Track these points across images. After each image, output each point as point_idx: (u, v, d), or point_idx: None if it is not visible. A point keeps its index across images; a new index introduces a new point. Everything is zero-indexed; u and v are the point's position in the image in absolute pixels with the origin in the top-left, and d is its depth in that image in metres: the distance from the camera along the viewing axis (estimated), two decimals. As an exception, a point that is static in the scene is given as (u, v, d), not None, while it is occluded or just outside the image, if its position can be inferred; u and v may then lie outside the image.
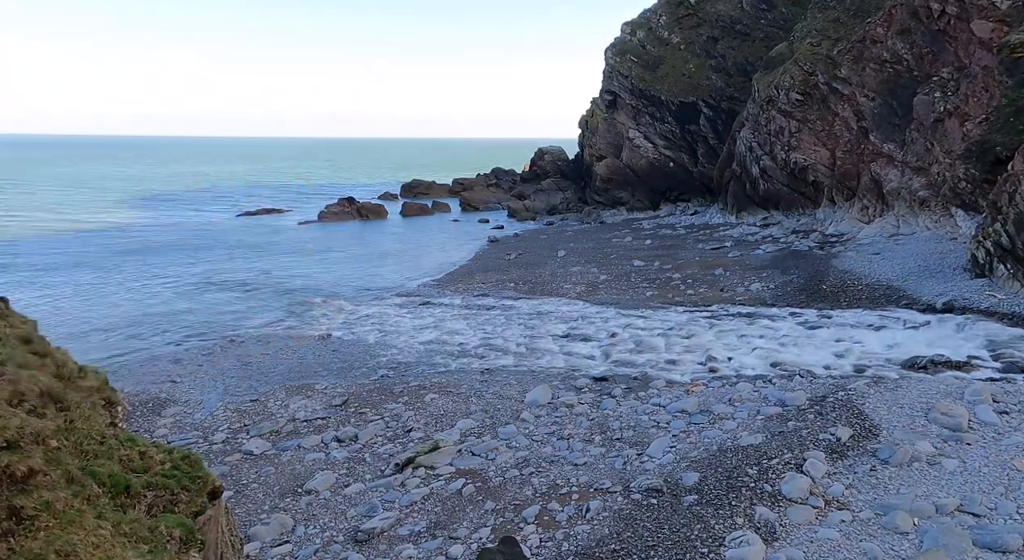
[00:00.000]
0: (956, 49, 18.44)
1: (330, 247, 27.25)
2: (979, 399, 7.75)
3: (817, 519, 5.72)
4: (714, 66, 31.66)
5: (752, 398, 8.95)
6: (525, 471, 7.40)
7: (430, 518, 6.63)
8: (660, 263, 19.89)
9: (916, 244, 17.48)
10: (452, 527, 6.38)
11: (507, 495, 6.91)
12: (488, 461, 7.76)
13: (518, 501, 6.75)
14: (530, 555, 5.49)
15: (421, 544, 6.14)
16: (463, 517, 6.57)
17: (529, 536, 5.99)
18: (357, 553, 6.08)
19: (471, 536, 6.16)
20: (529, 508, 6.52)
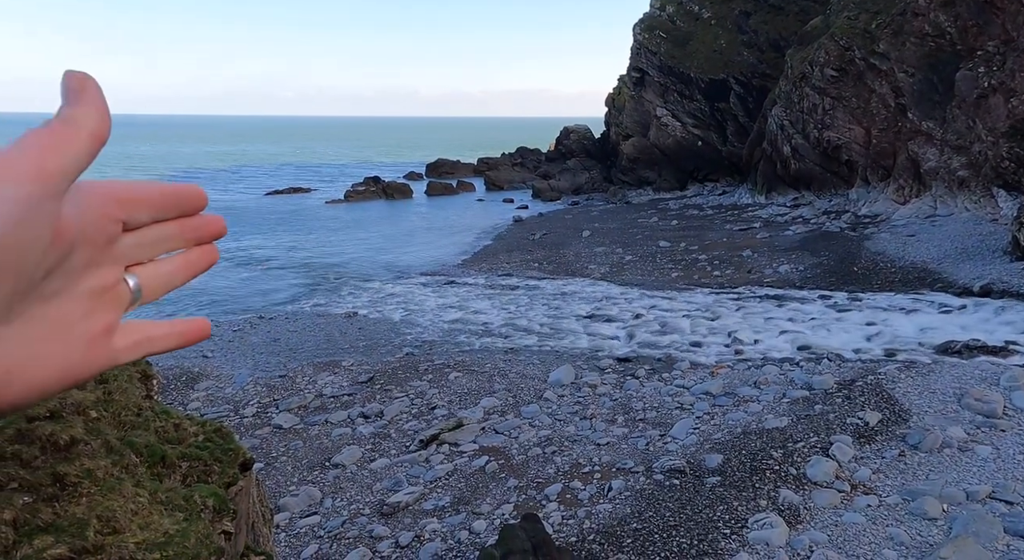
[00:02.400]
0: (1004, 21, 17.61)
1: (356, 226, 27.50)
2: (1016, 385, 7.55)
3: (842, 503, 5.67)
4: (746, 42, 30.78)
5: (778, 381, 8.85)
6: (548, 450, 7.46)
7: (454, 494, 6.74)
8: (686, 244, 19.65)
9: (954, 225, 16.95)
10: (475, 503, 6.48)
11: (529, 473, 6.98)
12: (511, 439, 7.84)
13: (540, 479, 6.82)
14: (552, 532, 5.55)
15: (445, 518, 6.25)
16: (486, 493, 6.67)
17: (551, 514, 6.06)
18: (383, 525, 6.23)
19: (494, 512, 6.26)
20: (551, 486, 6.59)
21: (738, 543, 5.19)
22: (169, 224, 0.47)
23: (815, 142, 23.95)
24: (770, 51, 29.66)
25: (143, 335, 0.48)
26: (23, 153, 0.38)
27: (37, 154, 0.38)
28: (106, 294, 0.44)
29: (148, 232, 0.46)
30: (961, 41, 18.88)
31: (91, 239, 0.42)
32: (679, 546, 5.25)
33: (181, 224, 0.48)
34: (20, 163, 0.37)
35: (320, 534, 6.22)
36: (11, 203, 0.36)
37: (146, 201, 0.45)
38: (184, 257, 0.49)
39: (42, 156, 0.38)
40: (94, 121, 0.40)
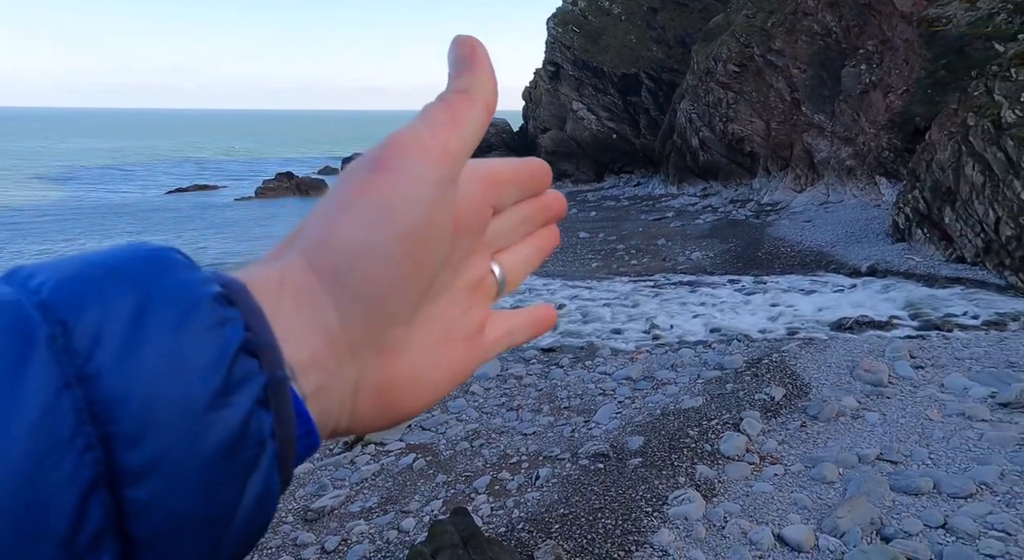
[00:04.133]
0: (880, 22, 19.20)
1: (269, 223, 26.38)
2: (898, 355, 8.30)
3: (753, 474, 6.04)
4: (655, 37, 31.91)
5: (693, 363, 9.29)
6: (475, 443, 7.49)
7: (381, 494, 6.63)
8: (605, 234, 20.19)
9: (844, 211, 18.36)
10: (403, 501, 6.42)
11: (458, 467, 6.98)
12: (438, 435, 7.81)
13: (469, 472, 6.84)
14: (482, 524, 5.58)
15: (373, 519, 6.15)
16: (414, 491, 6.61)
17: (480, 506, 6.09)
18: (307, 532, 6.05)
19: (423, 509, 6.22)
20: (480, 479, 6.62)
21: (659, 520, 5.42)
22: (527, 205, 0.43)
23: (721, 135, 25.22)
24: (677, 47, 30.90)
25: (507, 327, 0.44)
26: (429, 131, 0.34)
27: (440, 132, 0.34)
28: (479, 287, 0.41)
29: (512, 215, 0.42)
30: (845, 40, 20.42)
31: (472, 227, 0.38)
32: (604, 527, 5.42)
33: (538, 204, 0.44)
34: (426, 143, 0.34)
35: (240, 547, 5.95)
36: (427, 188, 0.33)
37: (514, 181, 0.41)
38: (535, 240, 0.45)
39: (445, 134, 0.34)
40: (488, 91, 0.37)
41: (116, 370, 0.24)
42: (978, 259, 12.77)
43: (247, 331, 0.28)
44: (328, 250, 0.32)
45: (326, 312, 0.32)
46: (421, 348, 0.37)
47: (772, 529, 5.09)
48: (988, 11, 16.05)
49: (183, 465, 0.25)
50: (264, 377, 0.28)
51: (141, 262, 0.27)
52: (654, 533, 5.23)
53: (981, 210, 12.74)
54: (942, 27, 16.54)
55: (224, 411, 0.26)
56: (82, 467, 0.23)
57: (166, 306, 0.26)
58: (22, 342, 0.23)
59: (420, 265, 0.34)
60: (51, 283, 0.25)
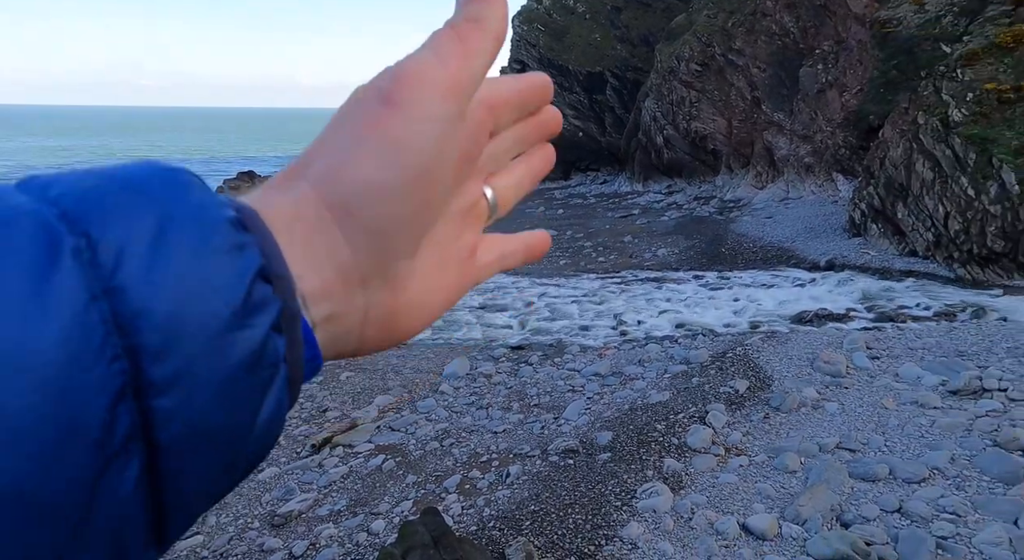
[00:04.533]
0: (835, 23, 19.76)
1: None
2: (855, 347, 8.57)
3: (718, 466, 6.16)
4: (619, 36, 32.23)
5: (660, 358, 9.43)
6: (445, 442, 7.46)
7: (350, 496, 6.56)
8: (572, 232, 20.32)
9: (803, 207, 18.86)
10: (373, 503, 6.36)
11: (428, 467, 6.95)
12: (408, 435, 7.75)
13: (439, 472, 6.81)
14: (452, 523, 5.57)
15: (342, 522, 6.08)
16: (384, 492, 6.56)
17: (451, 505, 6.07)
18: (274, 537, 5.94)
19: (393, 510, 6.17)
20: (450, 478, 6.60)
21: (628, 513, 5.49)
22: (523, 125, 0.42)
23: (684, 133, 25.62)
24: (641, 46, 31.27)
25: (499, 251, 0.44)
26: (439, 63, 0.33)
27: (451, 65, 0.33)
28: (472, 211, 0.40)
29: (507, 137, 0.41)
30: (803, 40, 20.96)
31: (471, 155, 0.38)
32: (575, 523, 5.46)
33: (534, 123, 0.43)
34: (437, 77, 0.33)
35: (204, 555, 5.81)
36: (437, 123, 0.33)
37: (511, 102, 0.40)
38: (527, 162, 0.44)
39: (456, 67, 0.33)
40: (500, 21, 0.36)
41: (141, 285, 0.25)
42: (929, 252, 13.28)
43: (262, 258, 0.29)
44: (341, 185, 0.33)
45: (338, 245, 0.33)
46: (421, 275, 0.38)
47: (737, 519, 5.21)
48: (935, 14, 16.68)
49: (205, 379, 0.26)
50: (279, 304, 0.29)
51: (159, 180, 0.28)
52: (623, 527, 5.29)
53: (931, 205, 13.24)
54: (893, 29, 17.12)
55: (244, 331, 0.27)
56: (111, 376, 0.24)
57: (186, 226, 0.27)
58: (49, 251, 0.24)
59: (428, 200, 0.35)
60: (72, 195, 0.26)
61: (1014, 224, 11.98)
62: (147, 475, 0.25)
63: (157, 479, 0.26)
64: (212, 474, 0.28)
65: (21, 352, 0.22)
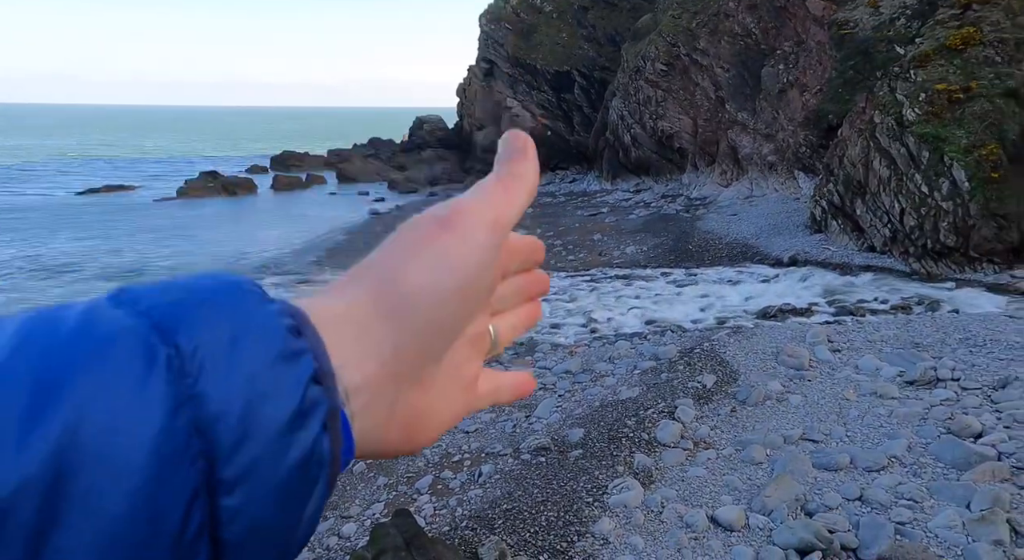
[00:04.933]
0: (795, 25, 20.24)
1: (193, 225, 25.15)
2: (817, 340, 8.81)
3: (687, 460, 6.27)
4: (585, 36, 32.44)
5: (630, 354, 9.53)
6: (417, 443, 7.42)
7: (321, 501, 6.47)
8: (542, 230, 20.39)
9: (767, 205, 19.29)
10: (343, 506, 6.29)
11: (399, 469, 6.90)
12: (379, 437, 7.69)
13: (411, 473, 6.77)
14: (425, 524, 5.55)
15: (312, 528, 5.99)
16: (355, 495, 6.49)
17: (423, 506, 6.05)
18: (243, 546, 5.83)
19: (364, 513, 6.12)
20: (422, 479, 6.57)
21: (600, 509, 5.54)
22: (522, 277, 0.49)
23: (651, 131, 25.94)
24: (608, 45, 31.53)
25: (496, 384, 0.48)
26: (488, 203, 0.40)
27: (497, 205, 0.41)
28: (479, 341, 0.45)
29: (511, 283, 0.48)
30: (764, 41, 21.42)
31: (495, 284, 0.43)
32: (547, 520, 5.49)
33: (531, 278, 0.50)
34: (485, 212, 0.40)
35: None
36: (482, 249, 0.39)
37: (519, 252, 0.47)
38: (524, 310, 0.50)
39: (501, 207, 0.41)
40: (534, 180, 0.44)
41: (219, 391, 0.28)
42: (886, 248, 13.71)
43: (314, 361, 0.32)
44: (397, 288, 0.37)
45: (383, 343, 0.37)
46: (440, 386, 0.42)
47: (706, 511, 5.30)
48: (889, 16, 17.22)
49: (268, 477, 0.29)
50: (327, 404, 0.32)
51: (231, 292, 0.31)
52: (595, 522, 5.34)
53: (888, 202, 13.67)
54: (850, 30, 17.61)
55: (300, 433, 0.30)
56: (190, 477, 0.26)
57: (256, 337, 0.30)
58: (147, 362, 0.27)
59: (466, 312, 0.40)
60: (160, 308, 0.29)
61: (964, 220, 12.45)
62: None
63: None
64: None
65: (122, 457, 0.25)
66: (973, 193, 12.43)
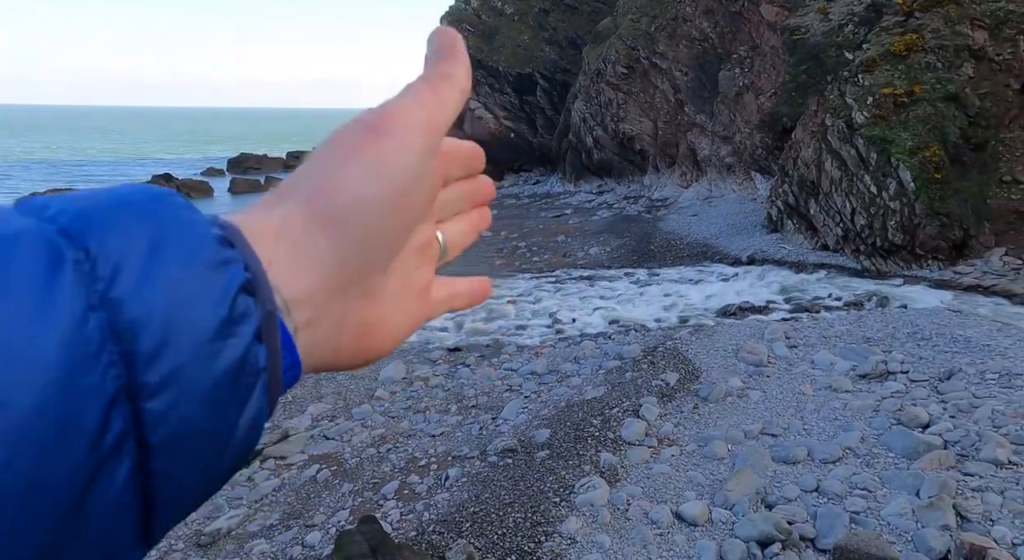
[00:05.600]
0: (750, 30, 20.78)
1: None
2: (775, 337, 9.05)
3: (652, 457, 6.36)
4: (547, 38, 32.64)
5: (594, 354, 9.62)
6: (382, 449, 7.34)
7: (283, 509, 6.34)
8: (507, 232, 20.42)
9: (726, 205, 19.74)
10: (308, 515, 6.17)
11: (365, 475, 6.81)
12: (344, 443, 7.57)
13: (376, 479, 6.69)
14: (391, 530, 5.49)
15: (275, 537, 5.86)
16: (319, 503, 6.38)
17: (390, 512, 5.98)
18: (202, 558, 5.66)
19: (329, 521, 6.01)
20: (388, 484, 6.50)
21: (567, 509, 5.58)
22: (465, 183, 0.48)
23: (613, 133, 26.27)
24: (569, 48, 31.80)
25: (449, 291, 0.48)
26: (419, 105, 0.39)
27: (428, 107, 0.39)
28: (427, 250, 0.45)
29: (454, 190, 0.47)
30: (721, 45, 21.93)
31: (434, 189, 0.42)
32: (514, 521, 5.50)
33: (474, 184, 0.49)
34: (417, 115, 0.38)
35: (125, 583, 5.46)
36: (417, 153, 0.38)
37: (460, 158, 0.46)
38: (471, 217, 0.50)
39: (433, 109, 0.39)
40: (466, 79, 0.42)
41: (136, 296, 0.27)
42: (839, 246, 14.19)
43: (246, 271, 0.32)
44: (331, 199, 0.36)
45: (323, 255, 0.36)
46: (390, 295, 0.41)
47: (671, 507, 5.39)
48: (838, 22, 17.84)
49: (194, 384, 0.29)
50: (260, 314, 0.32)
51: (151, 200, 0.31)
52: (562, 522, 5.37)
53: (839, 202, 14.16)
54: (802, 36, 18.18)
55: (229, 340, 0.30)
56: (107, 380, 0.26)
57: (177, 242, 0.30)
58: (51, 263, 0.26)
59: (406, 219, 0.39)
60: (69, 213, 0.28)
61: (911, 218, 12.98)
62: (137, 474, 0.27)
63: (146, 478, 0.28)
64: (196, 474, 0.30)
65: (27, 355, 0.25)
66: (918, 193, 12.97)
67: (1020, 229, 12.91)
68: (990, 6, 15.01)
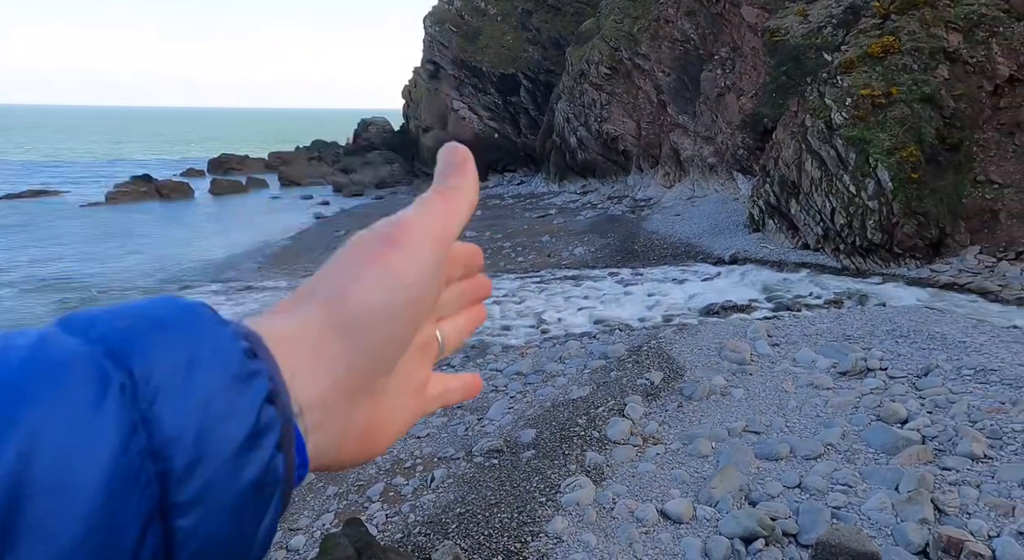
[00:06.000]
0: (731, 31, 20.99)
1: (126, 232, 23.95)
2: (758, 335, 9.15)
3: (637, 455, 6.40)
4: (530, 39, 32.68)
5: (579, 354, 9.66)
6: (367, 451, 7.30)
7: (268, 514, 6.28)
8: (491, 233, 20.42)
9: (708, 205, 19.91)
10: (292, 519, 6.12)
11: (349, 477, 6.77)
12: (328, 446, 7.52)
13: (361, 481, 6.65)
14: (377, 533, 5.46)
15: (259, 543, 5.80)
16: (304, 507, 6.33)
17: (375, 514, 5.95)
18: (185, 565, 5.58)
19: (313, 524, 5.97)
20: (373, 486, 6.46)
21: (553, 508, 5.59)
22: (465, 283, 0.50)
23: (596, 134, 26.38)
24: (552, 49, 31.87)
25: (444, 387, 0.50)
26: (431, 217, 0.41)
27: (439, 219, 0.41)
28: (427, 348, 0.46)
29: (454, 289, 0.49)
30: (703, 46, 22.11)
31: (440, 293, 0.44)
32: (501, 522, 5.50)
33: (474, 283, 0.51)
34: (429, 226, 0.41)
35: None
36: (427, 263, 0.40)
37: (462, 259, 0.48)
38: (468, 313, 0.51)
39: (443, 221, 0.41)
40: (473, 191, 0.45)
41: (173, 415, 0.29)
42: (819, 245, 14.38)
43: (269, 381, 0.33)
44: (347, 307, 0.38)
45: (337, 360, 0.38)
46: (391, 396, 0.43)
47: (656, 505, 5.42)
48: (817, 24, 18.09)
49: (222, 498, 0.30)
50: (281, 423, 0.33)
51: (185, 317, 0.32)
52: (548, 522, 5.38)
53: (819, 201, 14.35)
54: (782, 37, 18.40)
55: (255, 453, 0.31)
56: (143, 501, 0.27)
57: (210, 358, 0.31)
58: (100, 389, 0.27)
59: (415, 326, 0.41)
60: (113, 334, 0.30)
61: (889, 217, 13.20)
62: None
63: None
64: None
65: (75, 485, 0.26)
66: (896, 193, 13.19)
67: (994, 228, 13.19)
68: (963, 9, 15.32)
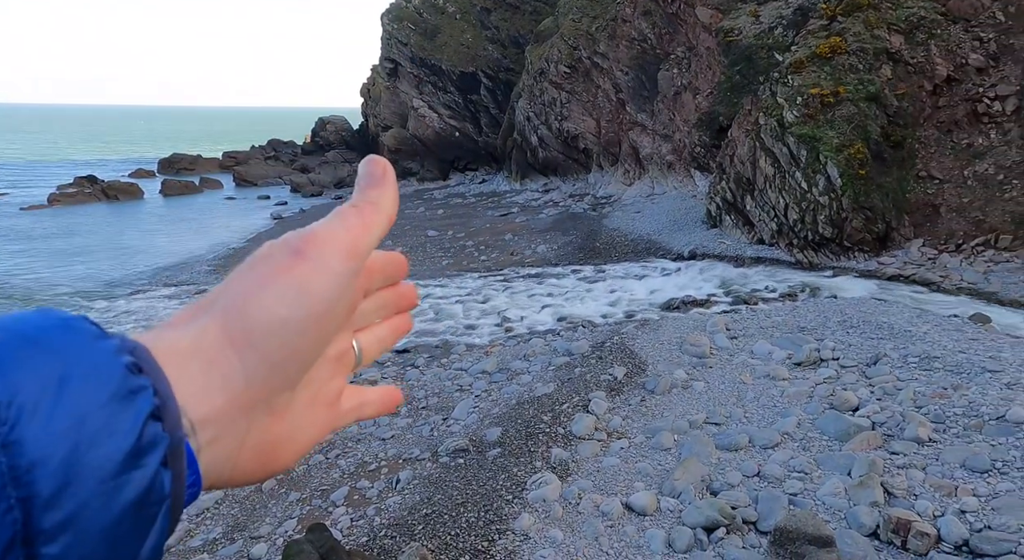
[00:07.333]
0: (686, 31, 21.38)
1: (70, 235, 22.95)
2: (717, 329, 9.36)
3: (602, 450, 6.47)
4: (490, 37, 32.63)
5: (544, 351, 9.71)
6: (331, 454, 7.18)
7: (227, 522, 6.12)
8: (453, 232, 20.33)
9: (667, 202, 20.26)
10: (253, 526, 5.98)
11: (312, 482, 6.65)
12: (290, 451, 7.37)
13: (325, 486, 6.54)
14: (341, 537, 5.38)
15: (218, 551, 5.65)
16: (265, 514, 6.19)
17: (339, 519, 5.86)
18: (141, 579, 5.39)
19: (276, 531, 5.84)
20: (337, 491, 6.37)
21: (520, 505, 5.61)
22: (386, 292, 0.48)
23: (557, 132, 26.53)
24: (512, 47, 31.89)
25: (360, 400, 0.48)
26: (344, 230, 0.40)
27: (353, 232, 0.40)
28: (342, 359, 0.45)
29: (375, 299, 0.47)
30: (659, 46, 22.47)
31: (354, 306, 0.43)
32: (467, 521, 5.49)
33: (395, 291, 0.49)
34: (341, 240, 0.39)
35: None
36: (338, 277, 0.38)
37: (381, 270, 0.47)
38: (391, 323, 0.50)
39: (357, 234, 0.40)
40: (392, 206, 0.43)
41: (38, 437, 0.27)
42: (774, 240, 14.80)
43: (155, 397, 0.31)
44: (246, 319, 0.36)
45: (234, 373, 0.36)
46: (298, 409, 0.41)
47: (621, 499, 5.50)
48: (768, 25, 18.59)
49: (95, 523, 0.28)
50: (167, 439, 0.31)
51: (57, 331, 0.30)
52: (515, 519, 5.39)
53: (773, 197, 14.76)
54: (735, 38, 18.84)
55: (135, 472, 0.29)
56: (3, 528, 0.26)
57: (86, 377, 0.29)
58: None
59: (321, 339, 0.39)
60: None
61: (839, 212, 13.67)
62: None
63: None
64: None
65: None
66: (844, 188, 13.67)
67: (935, 221, 13.81)
68: (904, 11, 15.97)
